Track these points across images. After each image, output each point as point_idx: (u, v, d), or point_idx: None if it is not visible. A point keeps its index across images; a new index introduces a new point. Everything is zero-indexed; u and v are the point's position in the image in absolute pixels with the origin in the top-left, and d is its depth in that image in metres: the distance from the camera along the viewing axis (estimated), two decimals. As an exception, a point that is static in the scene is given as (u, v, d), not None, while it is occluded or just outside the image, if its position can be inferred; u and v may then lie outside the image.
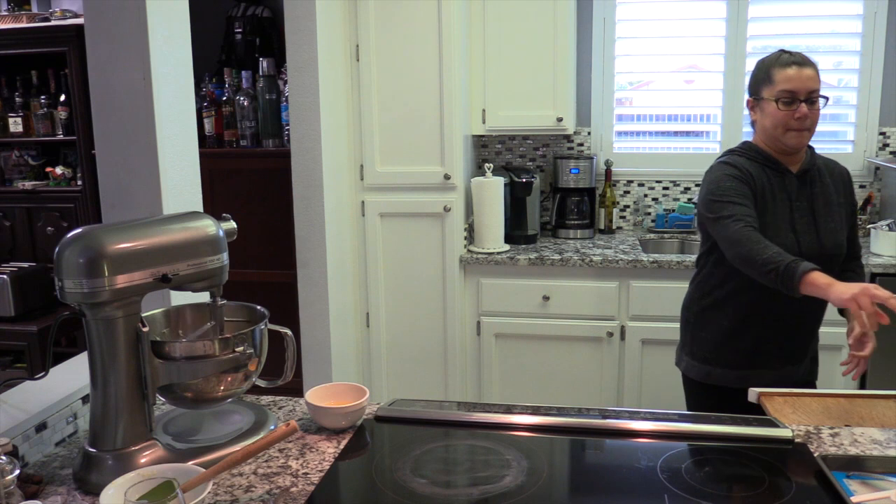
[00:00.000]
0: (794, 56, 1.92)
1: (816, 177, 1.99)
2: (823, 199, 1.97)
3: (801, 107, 1.88)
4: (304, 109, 2.90)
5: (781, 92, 1.89)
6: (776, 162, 1.95)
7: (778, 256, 1.75)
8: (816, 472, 1.26)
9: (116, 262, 1.22)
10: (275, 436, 1.21)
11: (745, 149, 2.00)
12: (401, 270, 3.22)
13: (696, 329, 2.08)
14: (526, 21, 3.21)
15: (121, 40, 1.74)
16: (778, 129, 1.90)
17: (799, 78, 1.89)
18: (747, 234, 1.81)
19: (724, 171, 1.95)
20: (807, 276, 1.69)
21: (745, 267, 1.82)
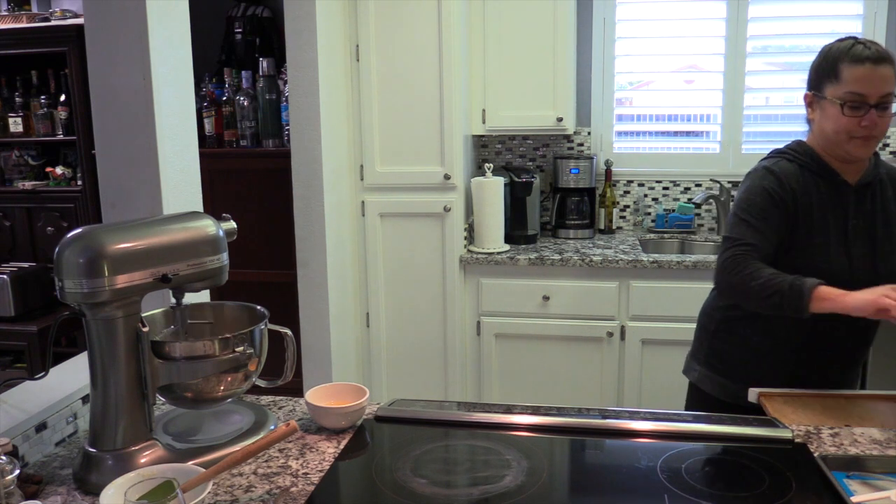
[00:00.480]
0: (869, 49, 1.60)
1: (878, 190, 1.72)
2: (884, 216, 1.71)
3: (870, 113, 1.60)
4: (304, 109, 2.90)
5: (849, 94, 1.60)
6: (832, 172, 1.69)
7: (777, 277, 1.58)
8: (816, 472, 1.26)
9: (116, 262, 1.22)
10: (275, 436, 1.21)
11: (798, 152, 1.73)
12: (401, 270, 3.22)
13: (716, 340, 1.87)
14: (526, 21, 3.21)
15: (121, 40, 1.74)
16: (840, 135, 1.63)
17: (873, 79, 1.59)
18: (737, 261, 1.64)
19: (764, 181, 1.69)
20: (816, 291, 1.54)
21: (737, 297, 1.67)
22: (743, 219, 1.68)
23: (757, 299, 1.61)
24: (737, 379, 1.81)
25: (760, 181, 1.71)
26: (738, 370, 1.82)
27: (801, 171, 1.70)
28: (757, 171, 1.74)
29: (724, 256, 1.67)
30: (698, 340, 1.95)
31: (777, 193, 1.67)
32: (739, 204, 1.72)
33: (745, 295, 1.64)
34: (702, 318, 1.95)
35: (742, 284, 1.62)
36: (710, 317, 1.91)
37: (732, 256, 1.65)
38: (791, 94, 3.50)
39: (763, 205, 1.67)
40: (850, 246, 1.68)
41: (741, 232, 1.67)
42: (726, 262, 1.66)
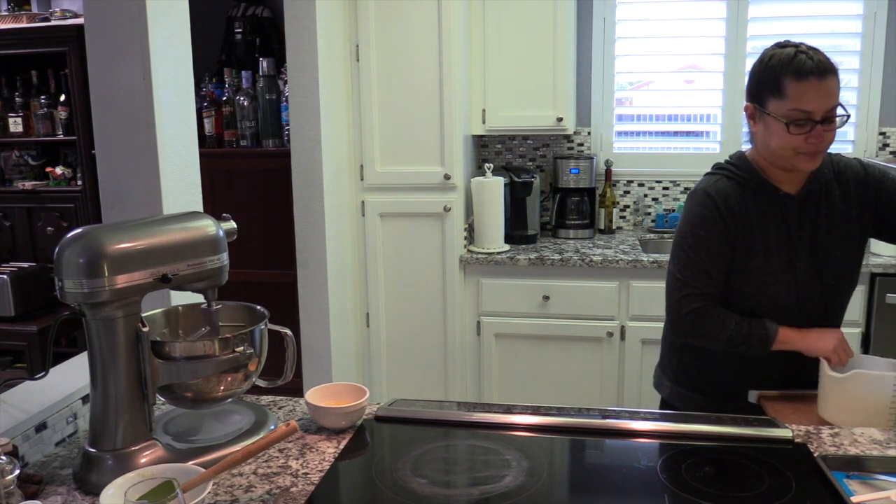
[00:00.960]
0: (812, 60, 1.49)
1: (822, 194, 1.65)
2: (828, 220, 1.64)
3: (816, 130, 1.52)
4: (304, 109, 2.90)
5: (794, 112, 1.51)
6: (773, 187, 1.64)
7: (739, 334, 1.60)
8: (816, 472, 1.25)
9: (116, 262, 1.22)
10: (275, 436, 1.21)
11: (738, 167, 1.67)
12: (401, 270, 3.22)
13: (683, 355, 1.80)
14: (526, 21, 3.21)
15: (121, 40, 1.74)
16: (787, 152, 1.56)
17: (818, 94, 1.49)
18: (698, 318, 1.63)
19: (704, 209, 1.64)
20: (777, 339, 1.60)
21: (700, 344, 1.69)
22: (693, 259, 1.64)
23: (728, 347, 1.64)
24: (708, 393, 1.76)
25: (700, 209, 1.65)
26: (708, 384, 1.77)
27: (740, 189, 1.64)
28: (697, 195, 1.68)
29: (684, 308, 1.64)
30: (666, 355, 1.88)
31: (719, 222, 1.62)
32: (685, 239, 1.66)
33: (713, 346, 1.67)
34: (667, 332, 1.87)
35: (707, 340, 1.65)
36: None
37: (693, 311, 1.63)
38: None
39: (708, 239, 1.63)
40: (796, 260, 1.63)
41: (694, 276, 1.63)
42: (686, 319, 1.64)
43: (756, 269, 1.62)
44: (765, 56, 1.57)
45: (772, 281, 1.62)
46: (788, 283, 1.62)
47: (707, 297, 1.63)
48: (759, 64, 1.58)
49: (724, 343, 1.62)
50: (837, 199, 1.65)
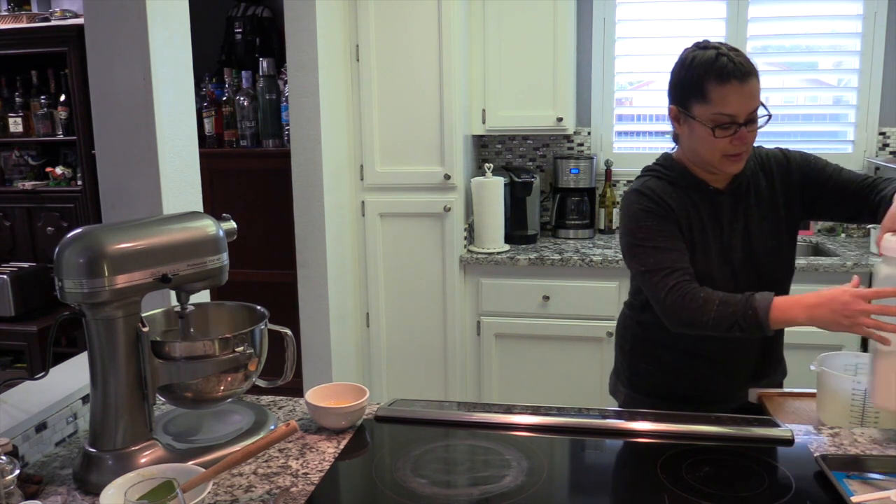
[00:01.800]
0: (734, 63, 1.49)
1: (751, 187, 1.65)
2: (759, 211, 1.64)
3: (740, 132, 1.51)
4: (304, 109, 2.90)
5: (718, 116, 1.51)
6: (703, 183, 1.63)
7: (727, 308, 1.47)
8: (816, 472, 1.26)
9: (116, 262, 1.22)
10: (275, 436, 1.21)
11: (665, 168, 1.66)
12: (401, 270, 3.22)
13: (634, 359, 1.78)
14: (526, 21, 3.21)
15: (121, 40, 1.74)
16: (713, 155, 1.56)
17: (741, 97, 1.50)
18: (681, 296, 1.51)
19: (640, 205, 1.62)
20: (771, 313, 1.44)
21: (693, 332, 1.54)
22: (651, 247, 1.58)
23: (717, 333, 1.50)
24: (663, 396, 1.71)
25: (636, 206, 1.62)
26: (663, 389, 1.72)
27: (670, 186, 1.63)
28: (629, 196, 1.66)
29: (662, 290, 1.54)
30: (619, 361, 1.84)
31: (658, 210, 1.60)
32: (634, 236, 1.61)
33: (703, 331, 1.52)
34: (618, 337, 1.84)
35: (695, 321, 1.51)
36: (624, 337, 1.81)
37: (670, 290, 1.53)
38: (791, 94, 3.51)
39: (656, 226, 1.59)
40: (731, 254, 1.61)
41: (659, 259, 1.56)
42: (668, 298, 1.53)
43: (695, 263, 1.58)
44: (686, 58, 1.57)
45: (710, 273, 1.59)
46: (726, 277, 1.60)
47: (678, 274, 1.54)
48: (681, 66, 1.58)
49: (711, 327, 1.49)
50: (765, 189, 1.66)
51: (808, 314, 1.42)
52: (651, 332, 1.70)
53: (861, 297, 1.36)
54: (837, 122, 3.46)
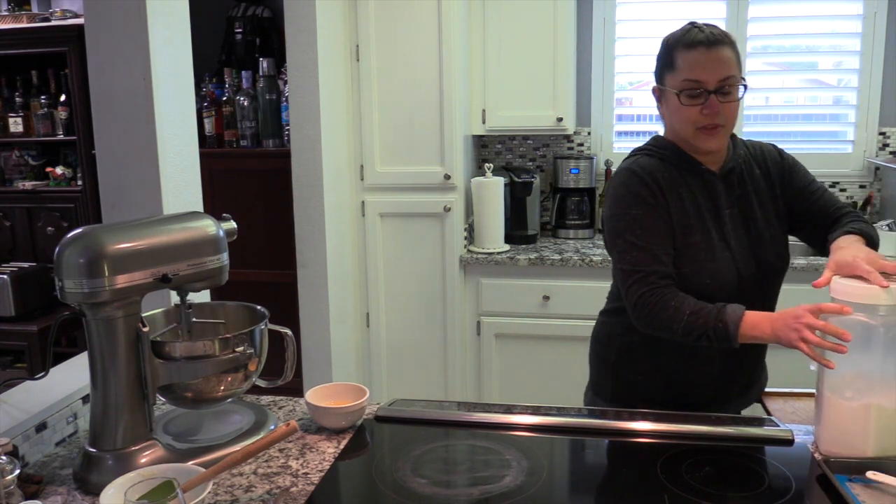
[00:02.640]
0: (703, 32, 1.50)
1: (745, 173, 1.60)
2: (757, 199, 1.60)
3: (710, 100, 1.48)
4: (304, 109, 2.90)
5: (685, 82, 1.49)
6: (694, 161, 1.57)
7: (698, 318, 1.43)
8: (816, 472, 1.26)
9: (116, 262, 1.22)
10: (275, 436, 1.21)
11: (656, 146, 1.61)
12: (401, 270, 3.22)
13: (620, 370, 1.69)
14: (526, 21, 3.21)
15: (121, 40, 1.74)
16: (686, 126, 1.52)
17: (707, 63, 1.48)
18: (652, 304, 1.47)
19: (631, 187, 1.55)
20: (741, 327, 1.40)
21: (662, 335, 1.50)
22: (629, 241, 1.53)
23: (685, 341, 1.46)
24: (652, 407, 1.60)
25: (625, 187, 1.57)
26: (648, 400, 1.63)
27: (662, 164, 1.57)
28: (619, 175, 1.60)
29: (632, 296, 1.50)
30: (598, 374, 1.76)
31: (648, 196, 1.54)
32: (617, 222, 1.56)
33: (672, 337, 1.48)
34: (597, 348, 1.76)
35: (665, 329, 1.47)
36: (607, 347, 1.73)
37: (640, 298, 1.49)
38: (791, 94, 3.50)
39: (641, 216, 1.53)
40: (729, 238, 1.56)
41: (635, 259, 1.51)
42: (638, 305, 1.49)
43: (695, 247, 1.53)
44: (664, 38, 1.60)
45: (712, 258, 1.53)
46: (727, 259, 1.54)
47: (651, 279, 1.49)
48: (660, 46, 1.60)
49: (681, 335, 1.45)
50: (760, 178, 1.62)
51: (772, 327, 1.39)
52: (643, 334, 1.58)
53: (810, 311, 1.33)
54: (837, 122, 3.46)
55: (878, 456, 1.29)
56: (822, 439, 1.33)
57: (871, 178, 3.40)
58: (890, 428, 1.29)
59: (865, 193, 3.39)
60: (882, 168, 3.34)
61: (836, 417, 1.31)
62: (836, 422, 1.32)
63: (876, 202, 3.39)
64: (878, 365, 1.28)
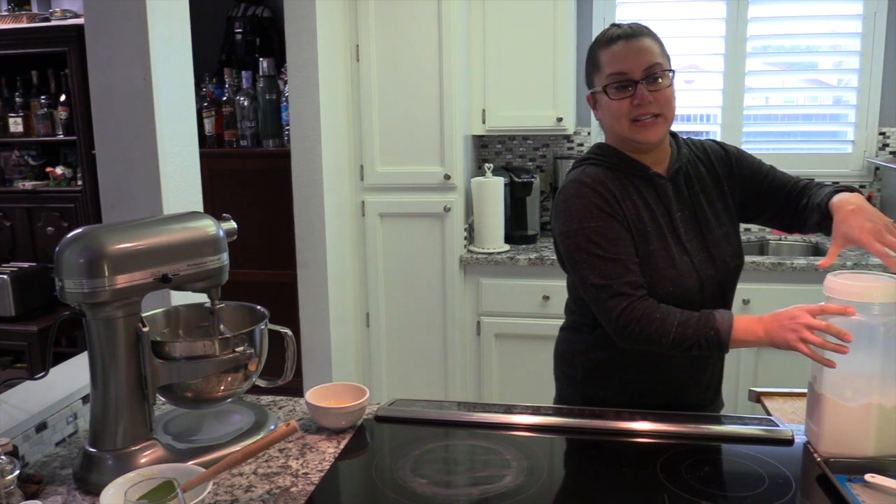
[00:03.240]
0: (621, 27, 1.51)
1: (692, 173, 1.57)
2: (706, 198, 1.57)
3: (638, 90, 1.45)
4: (304, 109, 2.90)
5: (610, 77, 1.47)
6: (642, 166, 1.52)
7: (686, 328, 1.39)
8: (816, 472, 1.26)
9: (116, 262, 1.22)
10: (275, 436, 1.21)
11: (600, 154, 1.56)
12: (401, 270, 3.22)
13: (588, 387, 1.62)
14: (526, 21, 3.21)
15: (121, 40, 1.74)
16: (622, 122, 1.48)
17: (627, 54, 1.46)
18: (637, 318, 1.41)
19: (584, 198, 1.48)
20: (733, 333, 1.37)
21: (648, 349, 1.44)
22: (596, 254, 1.46)
23: (675, 353, 1.42)
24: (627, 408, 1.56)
25: (579, 199, 1.49)
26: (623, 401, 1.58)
27: (611, 174, 1.52)
28: (569, 188, 1.52)
29: (612, 313, 1.43)
30: (565, 392, 1.69)
31: (604, 206, 1.48)
32: (576, 238, 1.48)
33: (660, 350, 1.43)
34: (563, 367, 1.69)
35: (652, 343, 1.42)
36: (572, 365, 1.66)
37: (621, 313, 1.42)
38: (791, 94, 3.50)
39: (601, 227, 1.47)
40: (685, 242, 1.52)
41: (606, 272, 1.45)
42: (621, 321, 1.43)
43: (654, 254, 1.49)
44: None
45: (672, 264, 1.49)
46: (686, 264, 1.50)
47: (627, 292, 1.44)
48: None
49: (670, 347, 1.40)
50: (706, 176, 1.58)
51: (765, 329, 1.36)
52: (610, 352, 1.54)
53: (809, 312, 1.31)
54: (837, 122, 3.45)
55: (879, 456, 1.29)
56: (821, 440, 1.33)
57: (870, 178, 3.40)
58: (890, 428, 1.29)
59: (865, 193, 3.39)
60: (882, 168, 3.34)
61: (835, 418, 1.31)
62: (836, 422, 1.31)
63: (876, 202, 3.39)
64: (878, 365, 1.28)
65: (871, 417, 1.28)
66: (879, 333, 1.27)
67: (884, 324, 1.27)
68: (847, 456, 1.29)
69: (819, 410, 1.33)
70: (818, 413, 1.34)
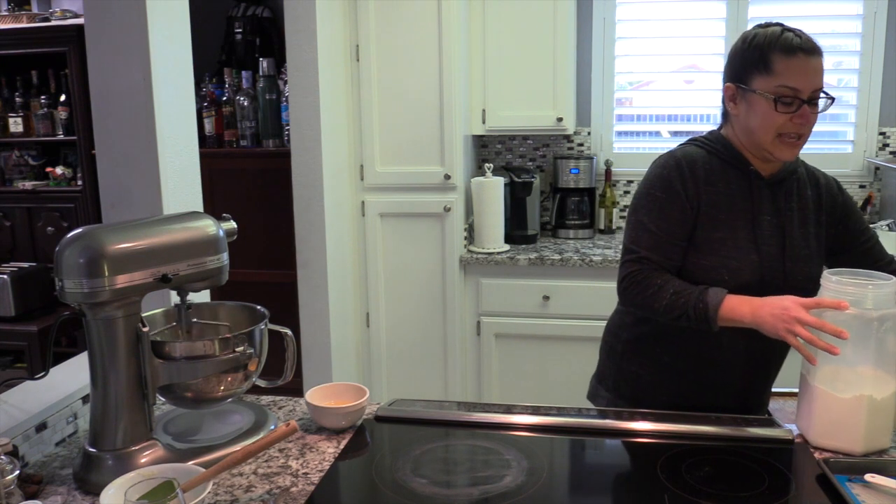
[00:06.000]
0: (800, 38, 1.48)
1: (794, 188, 1.56)
2: (801, 215, 1.56)
3: (802, 109, 1.44)
4: (304, 109, 2.90)
5: (782, 88, 1.44)
6: (745, 161, 1.53)
7: (679, 298, 1.44)
8: (816, 472, 1.26)
9: (116, 262, 1.22)
10: (275, 436, 1.21)
11: (710, 140, 1.57)
12: (401, 270, 3.22)
13: (624, 362, 1.68)
14: (526, 21, 3.21)
15: (121, 40, 1.74)
16: (769, 134, 1.47)
17: (806, 71, 1.44)
18: (638, 281, 1.49)
19: (664, 170, 1.53)
20: (721, 309, 1.40)
21: (644, 314, 1.53)
22: (640, 221, 1.52)
23: (666, 320, 1.48)
24: (649, 405, 1.59)
25: (660, 170, 1.54)
26: (650, 395, 1.62)
27: (709, 157, 1.53)
28: (661, 159, 1.57)
29: (622, 272, 1.53)
30: (605, 364, 1.76)
31: (677, 184, 1.50)
32: (640, 200, 1.55)
33: (653, 315, 1.50)
34: (608, 338, 1.76)
35: (646, 307, 1.49)
36: (617, 336, 1.72)
37: (629, 275, 1.50)
38: (791, 94, 3.50)
39: (661, 201, 1.51)
40: (760, 243, 1.51)
41: (638, 240, 1.52)
42: (625, 281, 1.51)
43: (719, 241, 1.50)
44: (748, 36, 1.54)
45: (735, 256, 1.50)
46: (752, 262, 1.50)
47: (645, 260, 1.50)
48: (743, 43, 1.54)
49: (661, 313, 1.46)
50: (809, 199, 1.58)
51: (753, 314, 1.39)
52: (652, 328, 1.60)
53: (802, 306, 1.33)
54: (837, 122, 3.45)
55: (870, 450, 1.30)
56: (812, 432, 1.35)
57: (871, 178, 3.40)
58: (881, 420, 1.30)
59: (865, 193, 3.39)
60: (882, 168, 3.34)
61: (827, 410, 1.33)
62: (827, 414, 1.33)
63: (876, 202, 3.39)
64: (871, 358, 1.29)
65: (863, 409, 1.29)
66: (872, 328, 1.28)
67: (877, 318, 1.28)
68: (837, 448, 1.31)
69: (811, 401, 1.35)
70: (809, 404, 1.35)
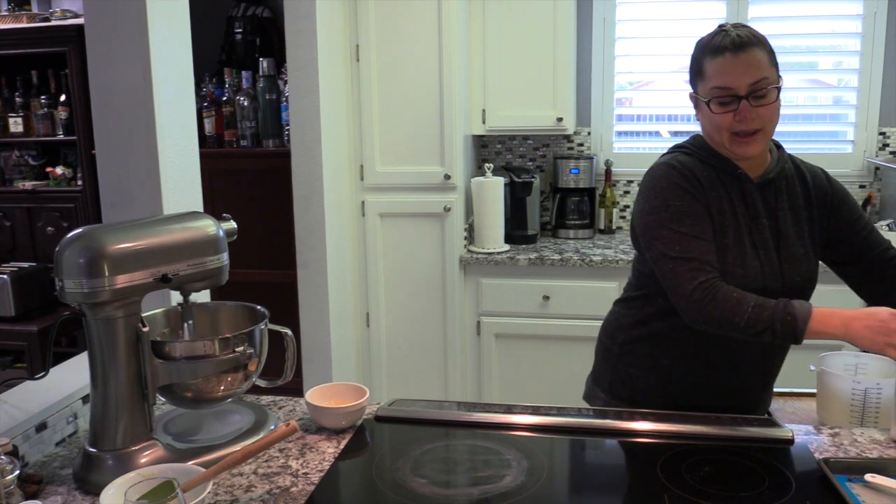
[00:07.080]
0: (729, 36, 1.43)
1: (783, 188, 1.54)
2: (793, 214, 1.54)
3: (742, 106, 1.42)
4: (304, 109, 2.90)
5: (714, 90, 1.45)
6: (733, 165, 1.51)
7: (762, 311, 1.36)
8: (816, 473, 1.26)
9: (116, 262, 1.22)
10: (275, 436, 1.21)
11: (696, 146, 1.56)
12: (401, 270, 3.22)
13: (621, 363, 1.66)
14: (526, 21, 3.21)
15: (121, 40, 1.74)
16: (722, 135, 1.47)
17: (735, 69, 1.42)
18: (713, 293, 1.39)
19: (671, 179, 1.49)
20: (810, 322, 1.33)
21: (717, 331, 1.42)
22: (679, 232, 1.45)
23: (746, 335, 1.39)
24: (646, 407, 1.58)
25: (665, 180, 1.50)
26: (646, 397, 1.61)
27: (702, 166, 1.51)
28: (658, 169, 1.53)
29: (689, 285, 1.41)
30: (601, 365, 1.74)
31: (689, 188, 1.48)
32: (659, 215, 1.48)
33: (729, 331, 1.41)
34: (603, 339, 1.74)
35: (724, 321, 1.39)
36: (613, 338, 1.69)
37: (700, 285, 1.40)
38: (791, 94, 3.50)
39: (686, 207, 1.47)
40: (759, 247, 1.49)
41: (689, 247, 1.43)
42: (696, 293, 1.40)
43: (726, 248, 1.48)
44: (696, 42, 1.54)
45: (741, 263, 1.47)
46: (755, 267, 1.48)
47: (708, 268, 1.42)
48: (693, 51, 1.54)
49: (742, 328, 1.37)
50: (799, 196, 1.56)
51: (846, 327, 1.33)
52: (650, 331, 1.59)
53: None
54: (837, 122, 3.46)
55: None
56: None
57: (871, 178, 3.40)
58: None
59: (865, 193, 3.39)
60: (882, 168, 3.34)
61: None
62: None
63: (876, 202, 3.39)
64: None
65: None
66: None
67: None
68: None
69: None
70: None
